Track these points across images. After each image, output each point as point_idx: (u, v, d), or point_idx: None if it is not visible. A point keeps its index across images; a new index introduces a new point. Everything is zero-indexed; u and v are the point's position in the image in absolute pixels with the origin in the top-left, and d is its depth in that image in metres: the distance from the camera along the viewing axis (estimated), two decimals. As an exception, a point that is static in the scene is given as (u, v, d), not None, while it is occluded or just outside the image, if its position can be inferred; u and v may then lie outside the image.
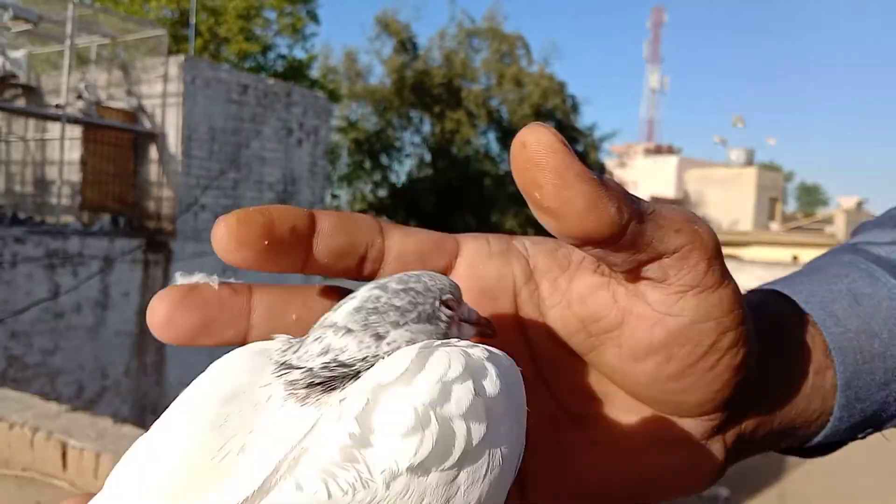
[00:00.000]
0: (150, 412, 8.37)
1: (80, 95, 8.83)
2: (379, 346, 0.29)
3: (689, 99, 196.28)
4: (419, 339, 0.30)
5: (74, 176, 9.18)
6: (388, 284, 0.32)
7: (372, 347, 0.29)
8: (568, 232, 0.31)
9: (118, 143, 9.10)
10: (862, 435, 0.46)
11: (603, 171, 22.57)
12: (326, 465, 0.24)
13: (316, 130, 10.54)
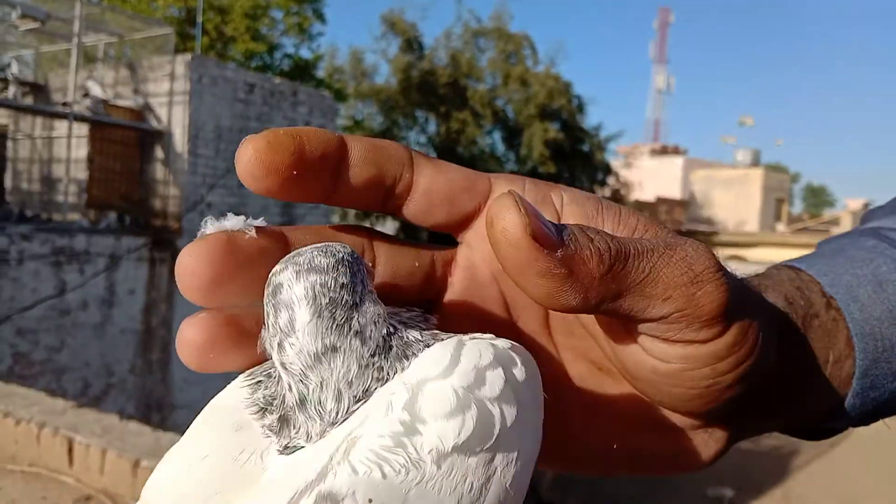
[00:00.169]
0: (155, 409, 8.40)
1: (86, 93, 8.86)
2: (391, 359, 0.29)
3: (695, 99, 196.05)
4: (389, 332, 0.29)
5: (81, 174, 9.22)
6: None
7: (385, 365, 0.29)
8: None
9: (125, 141, 9.13)
10: (868, 423, 0.45)
11: (608, 171, 22.47)
12: (378, 449, 0.25)
13: (322, 129, 10.55)
